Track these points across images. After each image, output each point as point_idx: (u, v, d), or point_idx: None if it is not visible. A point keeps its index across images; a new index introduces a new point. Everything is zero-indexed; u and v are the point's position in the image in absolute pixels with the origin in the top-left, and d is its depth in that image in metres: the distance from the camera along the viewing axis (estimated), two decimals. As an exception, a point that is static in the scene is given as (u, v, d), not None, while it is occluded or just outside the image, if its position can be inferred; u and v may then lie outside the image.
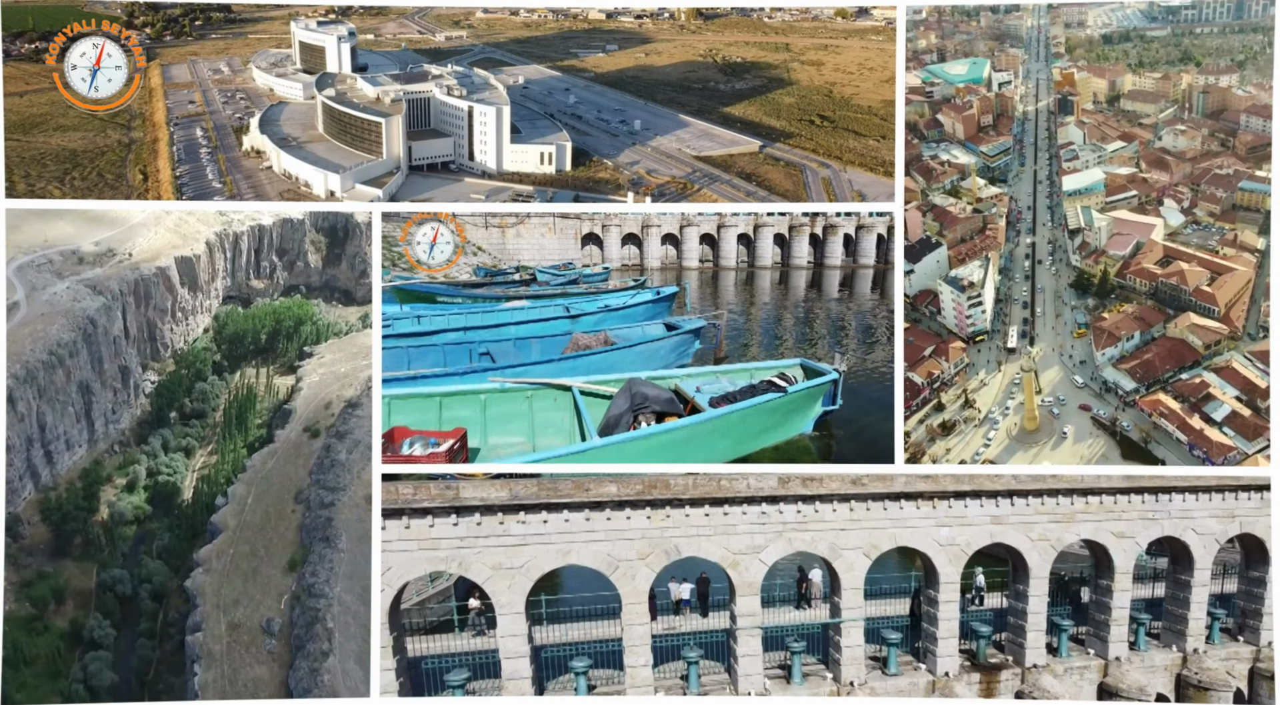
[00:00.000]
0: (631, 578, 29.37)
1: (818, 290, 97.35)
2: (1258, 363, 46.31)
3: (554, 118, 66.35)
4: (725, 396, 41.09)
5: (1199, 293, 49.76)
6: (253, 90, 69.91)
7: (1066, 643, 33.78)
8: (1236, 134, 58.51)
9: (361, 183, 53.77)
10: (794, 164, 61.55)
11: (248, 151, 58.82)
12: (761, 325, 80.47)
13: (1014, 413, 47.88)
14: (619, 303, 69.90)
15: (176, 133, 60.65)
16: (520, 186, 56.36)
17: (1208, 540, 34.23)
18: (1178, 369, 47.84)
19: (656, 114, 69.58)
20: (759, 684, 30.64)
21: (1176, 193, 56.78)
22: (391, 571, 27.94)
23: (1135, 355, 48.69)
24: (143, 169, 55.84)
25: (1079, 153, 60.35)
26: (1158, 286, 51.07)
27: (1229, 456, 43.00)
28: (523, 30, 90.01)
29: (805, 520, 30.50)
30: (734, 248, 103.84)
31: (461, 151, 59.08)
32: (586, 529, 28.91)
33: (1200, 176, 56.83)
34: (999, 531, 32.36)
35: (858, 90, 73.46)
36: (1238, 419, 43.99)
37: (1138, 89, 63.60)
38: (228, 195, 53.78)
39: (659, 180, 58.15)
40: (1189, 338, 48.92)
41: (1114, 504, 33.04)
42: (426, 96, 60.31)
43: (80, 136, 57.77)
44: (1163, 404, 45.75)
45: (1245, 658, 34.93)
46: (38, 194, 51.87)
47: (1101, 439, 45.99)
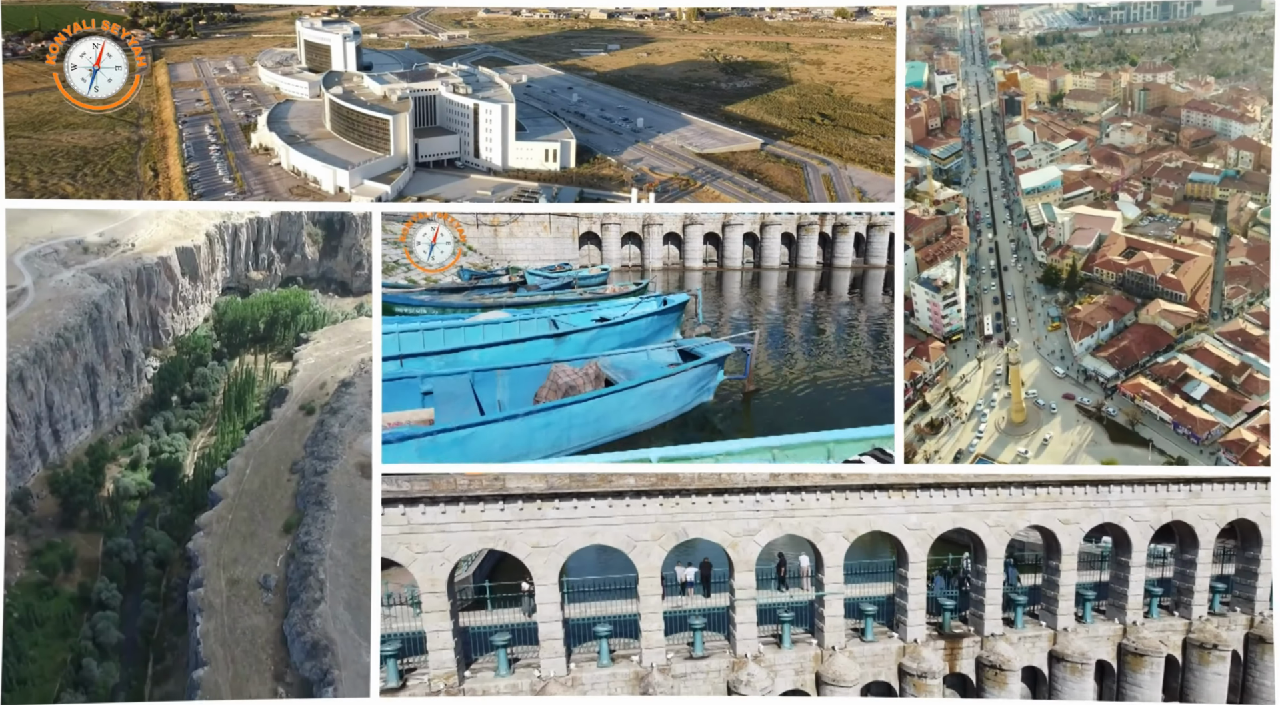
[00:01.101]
0: (647, 555, 33.42)
1: (827, 292, 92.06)
2: (1228, 342, 49.12)
3: (558, 116, 67.11)
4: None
5: (1165, 280, 52.27)
6: (259, 88, 70.63)
7: (1022, 616, 37.29)
8: (1180, 129, 61.35)
9: (369, 179, 54.48)
10: (795, 161, 62.31)
11: (256, 148, 59.53)
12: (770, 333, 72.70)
13: (1000, 406, 49.21)
14: (617, 314, 62.56)
15: (185, 130, 61.33)
16: (525, 182, 57.08)
17: (1143, 527, 37.66)
18: (1153, 353, 50.11)
19: (659, 112, 70.33)
20: (754, 647, 34.60)
21: (1130, 187, 59.00)
22: (450, 548, 32.06)
23: (1111, 343, 50.82)
24: (153, 166, 56.52)
25: (1031, 152, 62.31)
26: (1125, 276, 53.46)
27: (1212, 431, 45.45)
28: (525, 30, 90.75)
29: (793, 508, 34.48)
30: (739, 247, 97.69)
31: (467, 148, 59.81)
32: (609, 514, 33.07)
33: (1150, 170, 59.23)
34: (960, 518, 35.97)
35: (858, 89, 74.28)
36: (1216, 396, 46.58)
37: (1079, 88, 65.86)
38: (238, 191, 54.43)
39: (662, 177, 58.90)
40: (1161, 323, 51.22)
41: (1060, 495, 36.74)
42: (432, 94, 61.04)
43: (90, 134, 58.39)
44: (1144, 387, 47.92)
45: (1179, 630, 38.62)
46: (50, 190, 52.55)
47: (1089, 426, 47.77)
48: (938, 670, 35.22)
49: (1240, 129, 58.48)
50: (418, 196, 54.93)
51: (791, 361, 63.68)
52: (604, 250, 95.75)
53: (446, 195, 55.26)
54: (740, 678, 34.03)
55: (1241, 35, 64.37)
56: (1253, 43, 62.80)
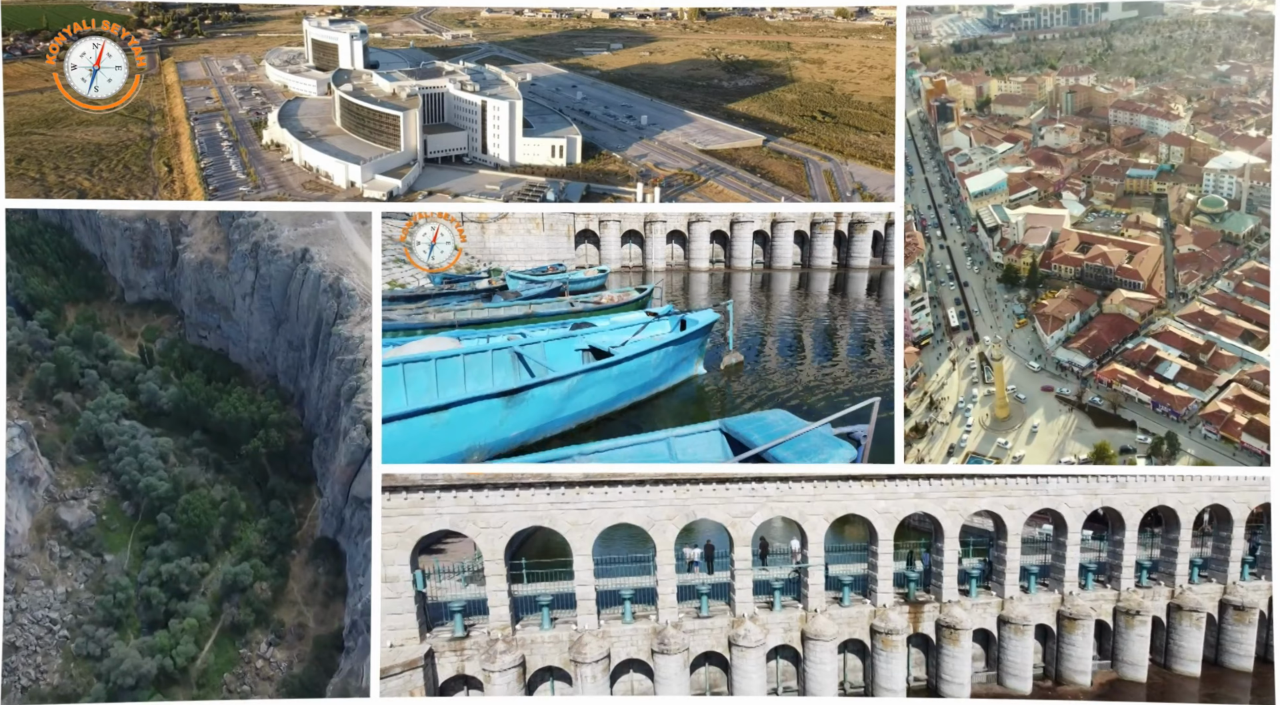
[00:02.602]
0: (663, 532, 39.62)
1: (843, 295, 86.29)
2: (1189, 324, 52.38)
3: (563, 113, 68.13)
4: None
5: (1123, 270, 55.09)
6: (267, 86, 71.59)
7: (976, 587, 43.53)
8: (1110, 128, 63.83)
9: (380, 174, 55.48)
10: (797, 157, 63.44)
11: (268, 145, 60.52)
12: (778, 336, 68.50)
13: (981, 404, 50.89)
14: (614, 342, 51.85)
15: (197, 127, 62.31)
16: (533, 178, 58.11)
17: (1077, 511, 43.39)
18: (1123, 340, 52.67)
19: (662, 110, 71.40)
20: (750, 609, 40.76)
21: (1072, 185, 61.30)
22: (507, 524, 38.26)
23: (1081, 334, 53.22)
24: (167, 161, 57.51)
25: (971, 157, 63.96)
26: (1083, 270, 56.08)
27: (1190, 407, 48.45)
28: (527, 29, 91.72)
29: (783, 495, 40.69)
30: (749, 246, 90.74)
31: (475, 145, 60.84)
32: (634, 498, 39.35)
33: (1089, 169, 61.69)
34: (921, 504, 42.21)
35: (858, 87, 75.43)
36: (1188, 374, 49.69)
37: (1006, 93, 67.89)
38: (252, 185, 55.41)
39: (666, 172, 59.97)
40: (1125, 311, 53.83)
41: (1005, 484, 42.80)
42: (440, 91, 62.05)
43: (103, 131, 59.31)
44: (1120, 372, 50.52)
45: (1109, 599, 44.54)
46: (68, 185, 53.51)
47: (1072, 414, 49.94)
48: (902, 629, 41.66)
49: (1167, 126, 61.65)
50: (427, 191, 55.95)
51: (797, 371, 58.30)
52: (602, 250, 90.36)
53: (456, 190, 56.27)
54: (739, 633, 40.15)
55: (1150, 38, 67.28)
56: (1162, 45, 66.25)
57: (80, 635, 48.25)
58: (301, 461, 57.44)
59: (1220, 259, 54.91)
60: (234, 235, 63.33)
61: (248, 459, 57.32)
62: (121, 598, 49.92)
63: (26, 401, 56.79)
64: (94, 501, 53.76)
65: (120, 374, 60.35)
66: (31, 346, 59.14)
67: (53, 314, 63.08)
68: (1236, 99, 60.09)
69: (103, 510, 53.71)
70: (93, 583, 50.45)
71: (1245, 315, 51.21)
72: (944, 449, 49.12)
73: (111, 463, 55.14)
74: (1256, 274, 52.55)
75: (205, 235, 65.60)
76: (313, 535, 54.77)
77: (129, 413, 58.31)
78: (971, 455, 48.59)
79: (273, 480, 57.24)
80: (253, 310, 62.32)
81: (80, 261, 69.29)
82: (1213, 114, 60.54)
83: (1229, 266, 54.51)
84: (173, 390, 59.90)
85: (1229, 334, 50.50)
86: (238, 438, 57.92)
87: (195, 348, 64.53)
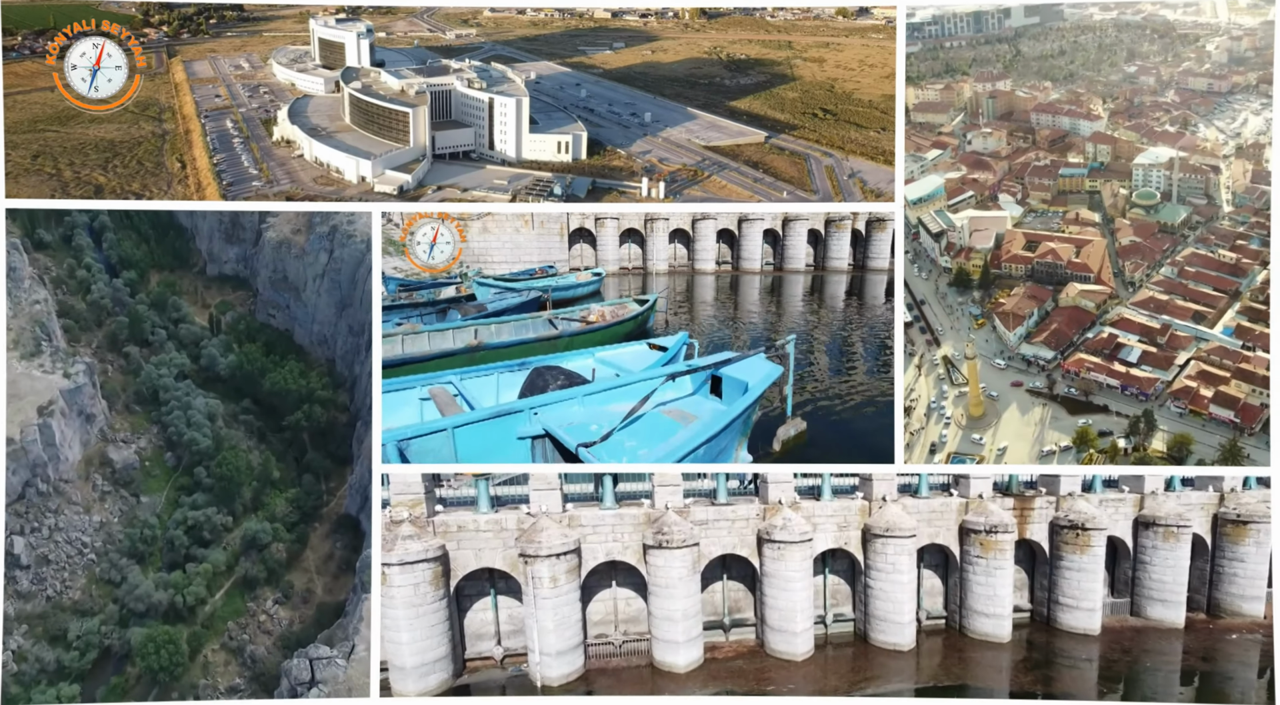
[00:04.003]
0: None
1: (858, 298, 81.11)
2: (1143, 310, 54.86)
3: (568, 110, 69.09)
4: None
5: (1073, 264, 57.25)
6: (274, 85, 72.48)
7: (1100, 483, 35.28)
8: (1034, 131, 65.92)
9: (391, 169, 56.44)
10: (798, 153, 64.48)
11: (278, 141, 61.45)
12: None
13: (954, 404, 52.03)
14: (590, 422, 34.94)
15: (208, 124, 63.19)
16: (540, 173, 59.08)
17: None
18: (1083, 330, 54.79)
19: (665, 107, 72.37)
20: (789, 494, 32.69)
21: (1007, 188, 63.11)
22: None
23: (1042, 328, 55.01)
24: (179, 158, 58.41)
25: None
26: (1034, 267, 58.12)
27: (1156, 387, 50.57)
28: (530, 29, 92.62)
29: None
30: (758, 246, 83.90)
31: (482, 141, 61.81)
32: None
33: (1021, 171, 63.75)
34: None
35: (859, 85, 76.47)
36: (1150, 356, 52.01)
37: (924, 101, 68.81)
38: (264, 180, 56.32)
39: (670, 168, 60.97)
40: (1081, 303, 56.02)
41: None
42: (448, 89, 63.00)
43: (116, 128, 60.13)
44: (1085, 361, 52.45)
45: (1266, 499, 37.56)
46: (84, 180, 54.41)
47: (1046, 405, 51.50)
48: (1009, 525, 31.41)
49: (1089, 126, 63.88)
50: (437, 186, 56.89)
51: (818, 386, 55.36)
52: (599, 250, 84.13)
53: (464, 185, 57.21)
54: (775, 524, 30.47)
55: (1056, 44, 69.25)
56: (1069, 50, 68.27)
57: (106, 561, 51.77)
58: (341, 442, 59.68)
59: (1160, 247, 58.01)
60: (316, 218, 65.28)
61: (289, 431, 60.36)
62: (148, 535, 53.34)
63: (99, 350, 61.35)
64: (140, 447, 57.26)
65: (187, 337, 64.29)
66: (112, 302, 64.10)
67: (137, 275, 67.63)
68: (1148, 98, 63.56)
69: (147, 457, 57.18)
70: (125, 518, 53.84)
71: (1192, 298, 54.59)
72: (925, 448, 49.88)
73: (163, 415, 58.90)
74: (1197, 259, 56.48)
75: (290, 215, 67.46)
76: (338, 513, 56.58)
77: (188, 373, 61.92)
78: (954, 455, 48.95)
79: (310, 455, 59.68)
80: (321, 292, 64.31)
81: (171, 232, 72.42)
82: (1128, 113, 63.31)
83: (1170, 254, 57.70)
84: (231, 358, 63.00)
85: (1180, 316, 53.55)
86: (284, 410, 60.80)
87: (262, 325, 67.44)
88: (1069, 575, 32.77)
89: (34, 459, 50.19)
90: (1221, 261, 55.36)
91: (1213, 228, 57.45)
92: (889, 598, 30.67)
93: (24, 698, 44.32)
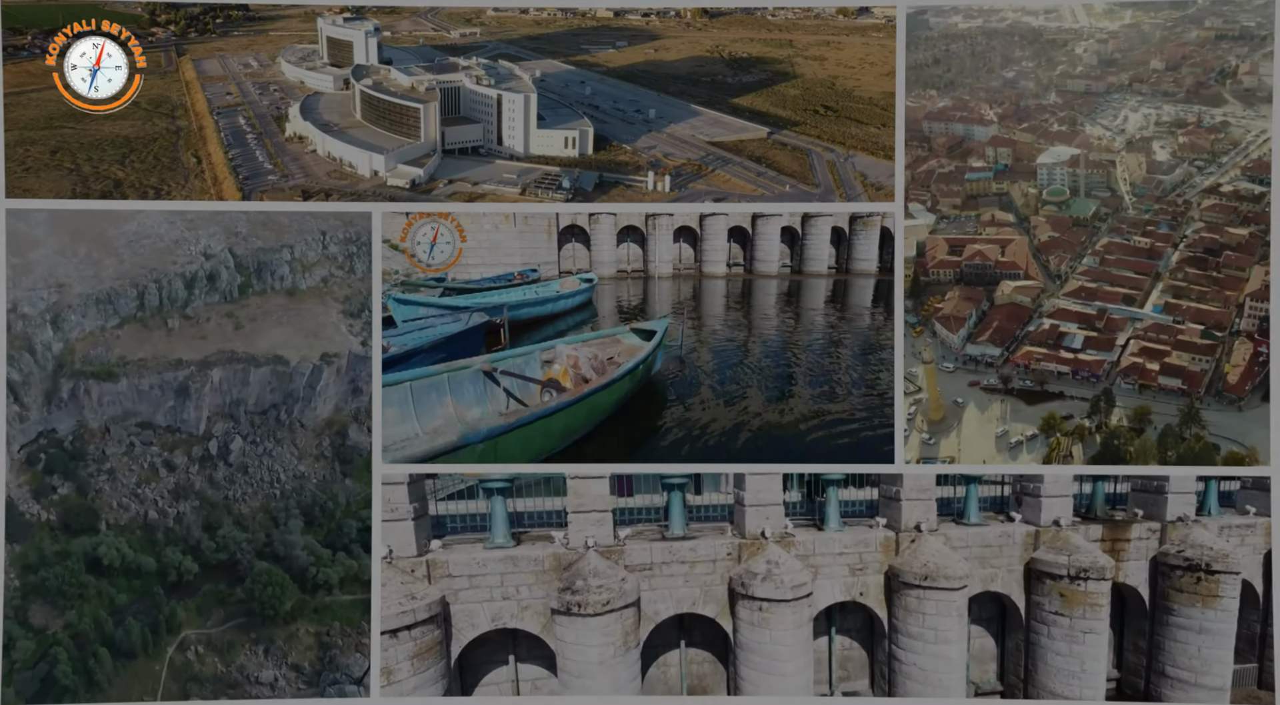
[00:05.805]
0: None
1: (884, 306, 74.72)
2: (1076, 299, 57.35)
3: (573, 107, 70.34)
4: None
5: (1001, 263, 59.09)
6: (284, 82, 73.69)
7: (1216, 502, 25.75)
8: (930, 139, 65.56)
9: (402, 163, 57.69)
10: (800, 148, 65.85)
11: (291, 137, 62.69)
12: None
13: (913, 410, 52.33)
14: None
15: (221, 121, 64.39)
16: (548, 167, 60.32)
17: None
18: (1023, 325, 56.83)
19: (669, 104, 73.67)
20: (775, 523, 26.16)
21: (916, 196, 63.26)
22: None
23: (983, 327, 56.76)
24: (195, 153, 59.61)
25: None
26: (963, 270, 59.48)
27: (1104, 368, 52.91)
28: (533, 28, 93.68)
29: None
30: (775, 246, 77.27)
31: (490, 137, 63.08)
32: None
33: (926, 179, 63.76)
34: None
35: (859, 83, 77.68)
36: (1093, 341, 54.32)
37: None
38: (280, 175, 57.55)
39: (675, 162, 62.31)
40: (1017, 299, 57.95)
41: None
42: (457, 86, 64.30)
43: (130, 124, 61.24)
44: (1033, 353, 54.54)
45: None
46: (103, 175, 55.68)
47: (1004, 400, 53.05)
48: (1105, 569, 21.55)
49: (984, 131, 64.76)
50: (448, 180, 58.12)
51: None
52: (593, 250, 77.05)
53: (474, 179, 58.46)
54: (751, 571, 20.52)
55: (929, 53, 69.62)
56: (944, 58, 68.88)
57: (283, 501, 51.05)
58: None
59: (1078, 240, 60.05)
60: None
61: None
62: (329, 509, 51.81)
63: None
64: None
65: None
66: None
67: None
68: (1032, 102, 64.29)
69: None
70: (323, 483, 52.79)
71: (1118, 283, 57.24)
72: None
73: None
74: (1115, 248, 59.21)
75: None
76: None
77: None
78: (922, 460, 48.81)
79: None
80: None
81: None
82: (1017, 116, 64.23)
83: (1089, 245, 59.97)
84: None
85: (1112, 300, 56.21)
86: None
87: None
88: (1184, 636, 23.12)
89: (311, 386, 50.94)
90: (1137, 247, 58.16)
91: (1121, 217, 59.45)
92: (927, 678, 20.80)
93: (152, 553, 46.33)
